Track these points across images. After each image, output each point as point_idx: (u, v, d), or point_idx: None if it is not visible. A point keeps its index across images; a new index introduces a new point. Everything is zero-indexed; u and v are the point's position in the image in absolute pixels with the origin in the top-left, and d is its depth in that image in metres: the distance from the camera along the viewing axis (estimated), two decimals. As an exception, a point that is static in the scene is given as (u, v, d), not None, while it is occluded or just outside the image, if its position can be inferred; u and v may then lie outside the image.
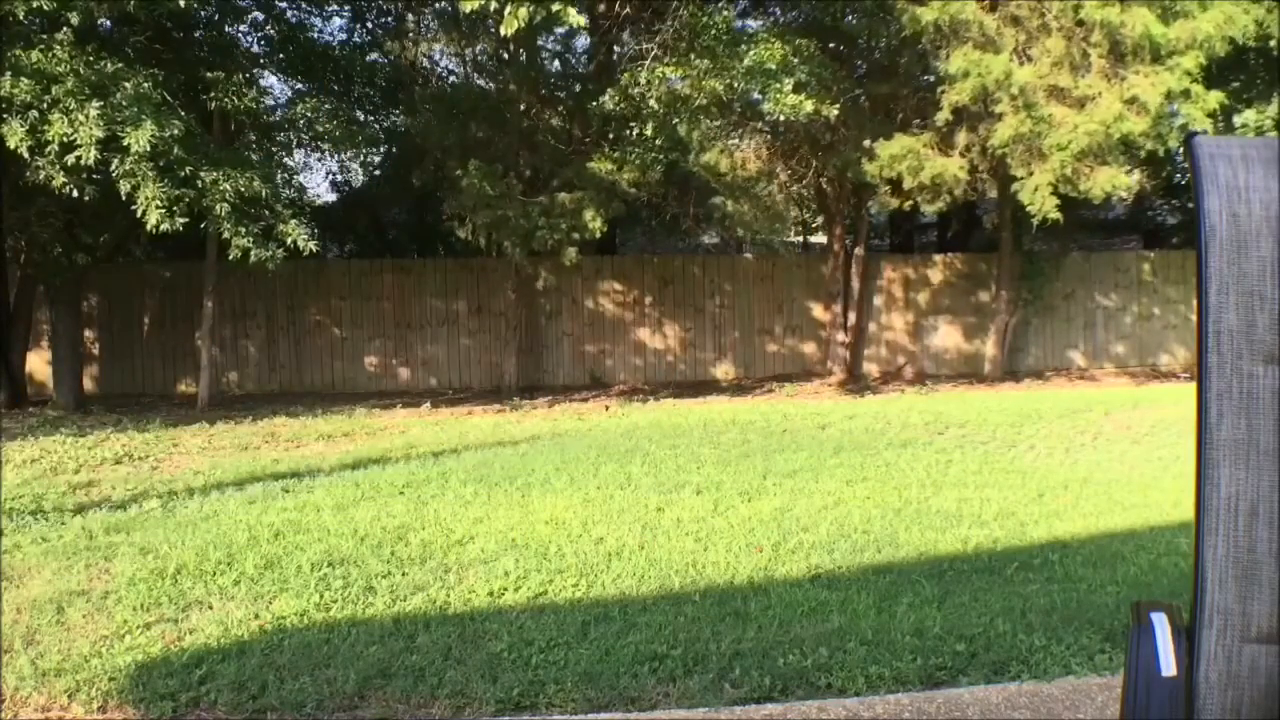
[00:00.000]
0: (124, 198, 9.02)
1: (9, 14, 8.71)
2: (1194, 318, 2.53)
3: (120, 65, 9.04)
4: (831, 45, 12.61)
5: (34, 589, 4.23)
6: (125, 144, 8.61)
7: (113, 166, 8.83)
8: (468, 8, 9.52)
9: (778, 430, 8.97)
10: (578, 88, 13.26)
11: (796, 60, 10.81)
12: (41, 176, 8.85)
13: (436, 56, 15.18)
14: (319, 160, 14.86)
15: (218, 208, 9.45)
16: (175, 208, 9.13)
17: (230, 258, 10.14)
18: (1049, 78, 10.53)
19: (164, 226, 9.02)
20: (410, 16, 13.89)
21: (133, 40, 10.18)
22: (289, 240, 9.98)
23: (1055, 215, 10.65)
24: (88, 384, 12.94)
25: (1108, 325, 15.31)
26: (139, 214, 9.01)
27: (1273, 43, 10.68)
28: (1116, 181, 10.64)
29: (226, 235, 9.79)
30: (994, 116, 10.86)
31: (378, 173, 16.49)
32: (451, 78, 14.42)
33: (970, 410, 10.09)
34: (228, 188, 9.40)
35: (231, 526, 5.31)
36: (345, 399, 12.45)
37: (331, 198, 18.32)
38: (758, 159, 14.04)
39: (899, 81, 12.46)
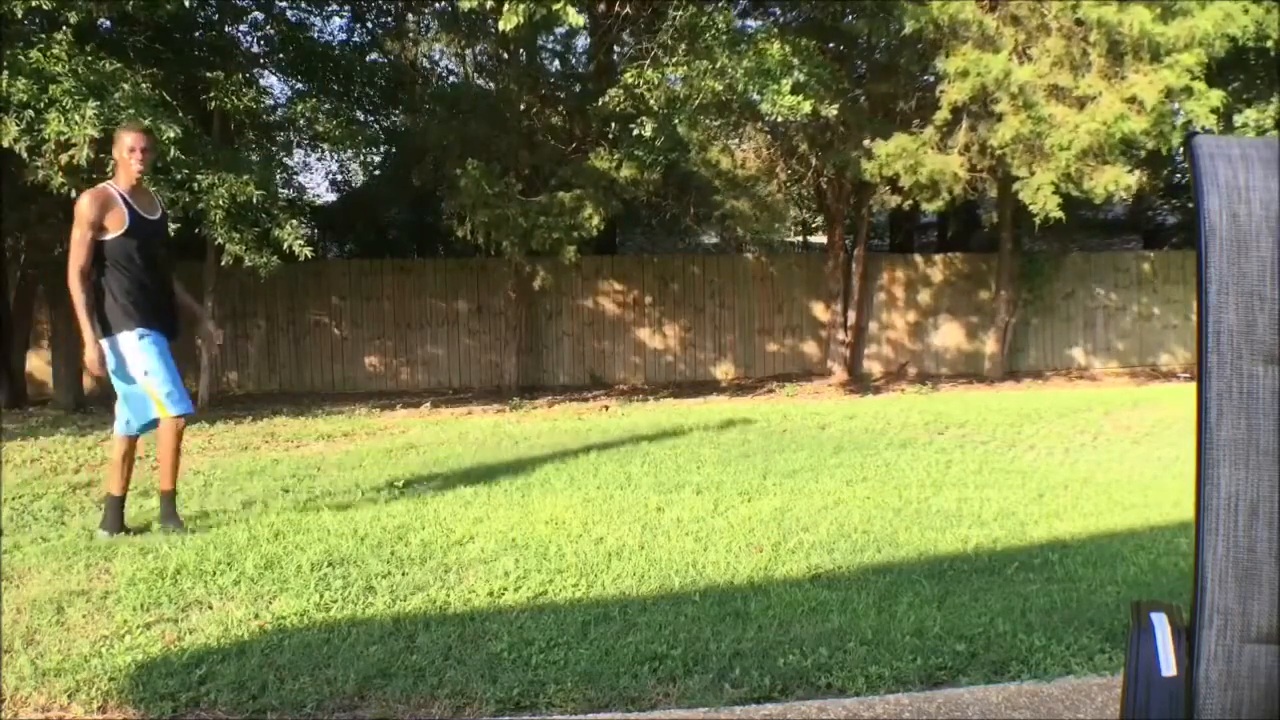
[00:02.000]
0: None
1: (8, 13, 8.71)
2: (1194, 318, 2.53)
3: (119, 65, 9.04)
4: (831, 45, 12.61)
5: (34, 589, 4.23)
6: None
7: (108, 167, 8.83)
8: (466, 5, 9.52)
9: (778, 430, 8.97)
10: (578, 87, 13.26)
11: (796, 60, 10.81)
12: (40, 176, 8.85)
13: (436, 56, 15.20)
14: (319, 160, 14.87)
15: (213, 213, 9.45)
16: (170, 211, 9.12)
17: (223, 263, 10.15)
18: (1049, 77, 10.53)
19: None
20: (410, 16, 13.89)
21: (132, 40, 10.17)
22: (285, 245, 9.98)
23: (1058, 214, 10.65)
24: (87, 384, 12.93)
25: (1108, 325, 15.32)
26: None
27: (1270, 43, 10.68)
28: (1119, 181, 10.64)
29: (220, 241, 9.79)
30: (993, 116, 10.87)
31: (378, 173, 16.50)
32: (451, 78, 14.43)
33: (970, 410, 10.09)
34: (224, 192, 9.40)
35: (231, 526, 5.31)
36: (345, 399, 12.46)
37: (331, 198, 18.34)
38: (757, 158, 14.04)
39: (899, 81, 12.46)
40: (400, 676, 3.27)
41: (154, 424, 5.23)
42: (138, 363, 5.05)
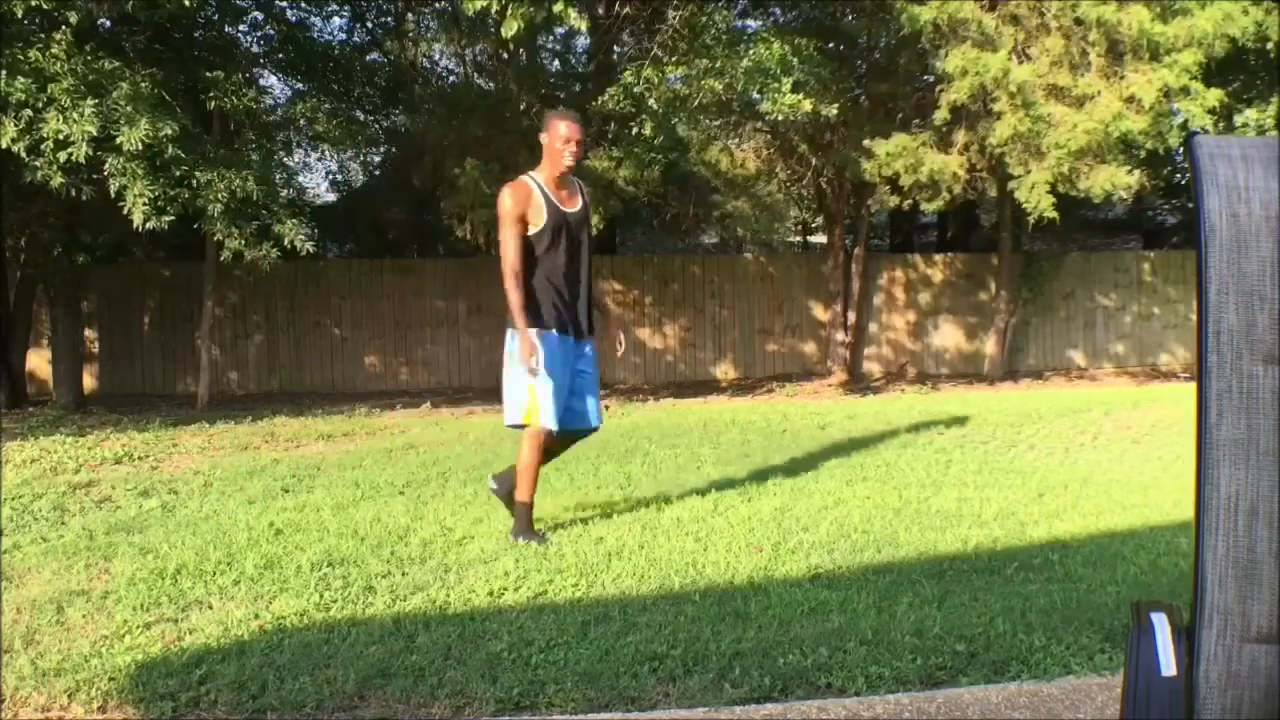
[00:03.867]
0: (113, 195, 9.01)
1: (8, 13, 8.71)
2: (1194, 318, 2.53)
3: (118, 65, 9.04)
4: (831, 45, 12.62)
5: (34, 589, 4.23)
6: (118, 142, 8.60)
7: (106, 165, 8.82)
8: (470, 9, 9.52)
9: (778, 430, 8.97)
10: (578, 88, 13.26)
11: (796, 60, 10.82)
12: (39, 176, 8.85)
13: (436, 56, 15.20)
14: (319, 160, 14.87)
15: (211, 209, 9.44)
16: (169, 207, 9.12)
17: (222, 259, 10.13)
18: (1048, 76, 10.53)
19: (150, 224, 9.02)
20: (410, 16, 13.89)
21: (132, 40, 10.17)
22: (286, 241, 9.98)
23: (1052, 213, 10.63)
24: (88, 384, 12.93)
25: (1107, 325, 15.31)
26: (125, 211, 9.01)
27: (1270, 45, 10.67)
28: (1116, 180, 10.63)
29: (219, 237, 9.79)
30: (993, 115, 10.86)
31: (378, 173, 16.48)
32: (451, 78, 14.44)
33: (970, 410, 10.08)
34: (223, 188, 9.39)
35: (231, 526, 5.31)
36: (345, 399, 12.45)
37: (331, 198, 18.33)
38: (757, 158, 14.04)
39: (898, 81, 12.46)
40: (400, 676, 3.27)
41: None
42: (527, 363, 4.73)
